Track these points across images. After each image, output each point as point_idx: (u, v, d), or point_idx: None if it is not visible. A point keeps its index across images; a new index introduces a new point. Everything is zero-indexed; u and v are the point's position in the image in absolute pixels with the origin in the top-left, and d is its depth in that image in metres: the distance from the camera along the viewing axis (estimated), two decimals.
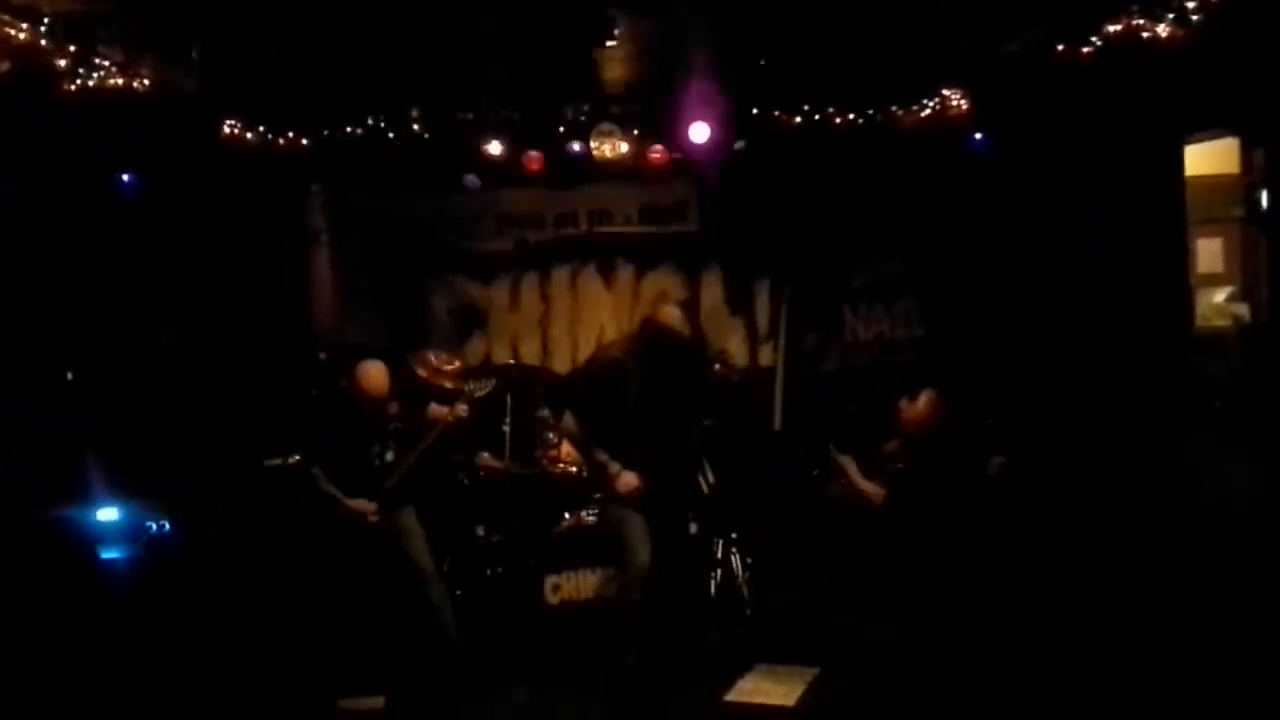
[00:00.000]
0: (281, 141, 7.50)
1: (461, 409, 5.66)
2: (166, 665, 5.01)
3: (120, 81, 6.20)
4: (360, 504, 5.44)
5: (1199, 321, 7.37)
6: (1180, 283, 7.07)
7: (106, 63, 6.13)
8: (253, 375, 7.11)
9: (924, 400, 6.31)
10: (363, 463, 5.53)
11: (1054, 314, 7.22)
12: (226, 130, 7.25)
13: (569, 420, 5.35)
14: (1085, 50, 6.37)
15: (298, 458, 5.71)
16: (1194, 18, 5.81)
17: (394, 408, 5.62)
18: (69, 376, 6.74)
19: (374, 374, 5.61)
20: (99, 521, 5.70)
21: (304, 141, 7.54)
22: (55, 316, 6.78)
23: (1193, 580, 5.23)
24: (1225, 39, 5.72)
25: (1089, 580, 5.69)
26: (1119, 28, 6.16)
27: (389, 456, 5.56)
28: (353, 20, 6.62)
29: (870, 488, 6.31)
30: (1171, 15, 5.90)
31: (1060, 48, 6.50)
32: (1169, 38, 5.95)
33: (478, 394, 5.73)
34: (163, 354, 7.16)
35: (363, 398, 5.56)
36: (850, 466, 6.40)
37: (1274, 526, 5.63)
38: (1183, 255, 7.13)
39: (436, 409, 5.72)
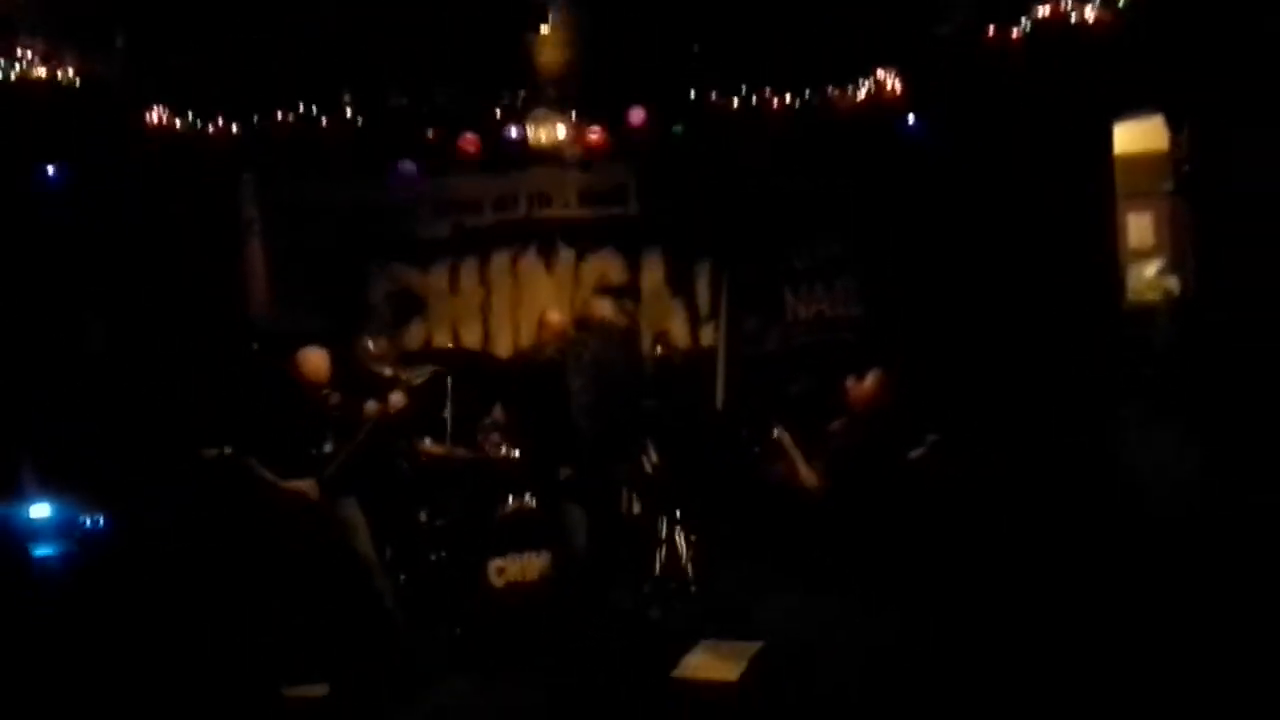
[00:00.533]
0: (211, 129, 7.38)
1: (398, 398, 5.63)
2: (105, 660, 4.95)
3: (43, 72, 6.07)
4: (298, 484, 5.40)
5: (1130, 296, 7.49)
6: (1111, 257, 7.19)
7: (28, 53, 5.99)
8: (186, 366, 6.99)
9: (871, 379, 6.40)
10: (301, 452, 5.49)
11: (989, 291, 7.31)
12: (153, 118, 7.12)
13: (498, 413, 5.39)
14: (1015, 33, 6.47)
15: (229, 450, 5.62)
16: (1119, 2, 5.90)
17: (335, 398, 5.58)
18: None
19: (315, 360, 5.59)
20: (31, 518, 5.60)
21: (234, 128, 7.42)
22: None
23: (1126, 553, 5.34)
24: (1150, 22, 5.82)
25: (1023, 556, 5.79)
26: (1047, 11, 6.26)
27: (327, 447, 5.52)
28: (282, 4, 6.55)
29: (809, 474, 6.38)
30: None
31: (990, 30, 6.59)
32: (1096, 21, 6.06)
33: (415, 381, 5.71)
34: (92, 347, 7.02)
35: (303, 385, 5.53)
36: (790, 445, 6.46)
37: (1204, 497, 5.77)
38: (1113, 230, 7.24)
39: (371, 403, 5.65)
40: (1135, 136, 7.30)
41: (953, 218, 7.52)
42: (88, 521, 5.72)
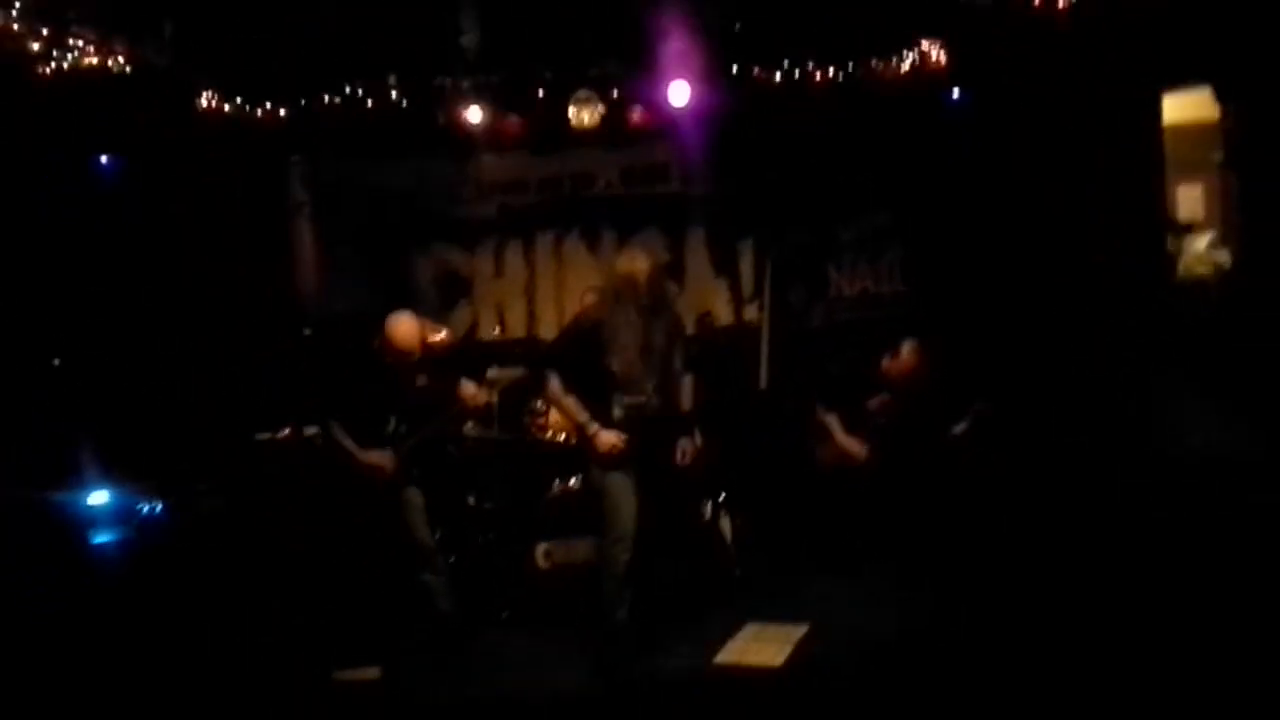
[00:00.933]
0: (259, 113, 7.48)
1: (483, 394, 5.62)
2: (162, 646, 5.07)
3: (95, 61, 6.16)
4: (376, 456, 5.42)
5: (1181, 270, 7.40)
6: (1160, 231, 7.10)
7: (80, 43, 6.08)
8: (239, 351, 7.11)
9: (906, 352, 6.38)
10: (380, 425, 5.50)
11: (1035, 266, 7.24)
12: (203, 103, 7.22)
13: (554, 384, 5.36)
14: (1060, 2, 6.36)
15: (288, 431, 5.71)
16: None
17: (422, 379, 5.57)
18: (56, 361, 6.75)
19: (405, 327, 5.50)
20: (90, 505, 5.71)
21: (281, 112, 7.51)
22: (40, 301, 6.78)
23: (1170, 532, 5.29)
24: None
25: (1065, 533, 5.77)
26: None
27: (403, 428, 5.54)
28: None
29: (854, 446, 6.40)
30: None
31: (1036, 1, 6.49)
32: None
33: (503, 383, 5.72)
34: (149, 333, 7.16)
35: (393, 353, 5.47)
36: (835, 424, 6.47)
37: (1251, 473, 5.70)
38: (1162, 203, 7.14)
39: (469, 389, 5.66)
40: (1185, 107, 7.18)
41: (998, 190, 7.44)
42: (145, 508, 5.83)
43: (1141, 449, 6.16)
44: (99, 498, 5.75)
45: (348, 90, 7.52)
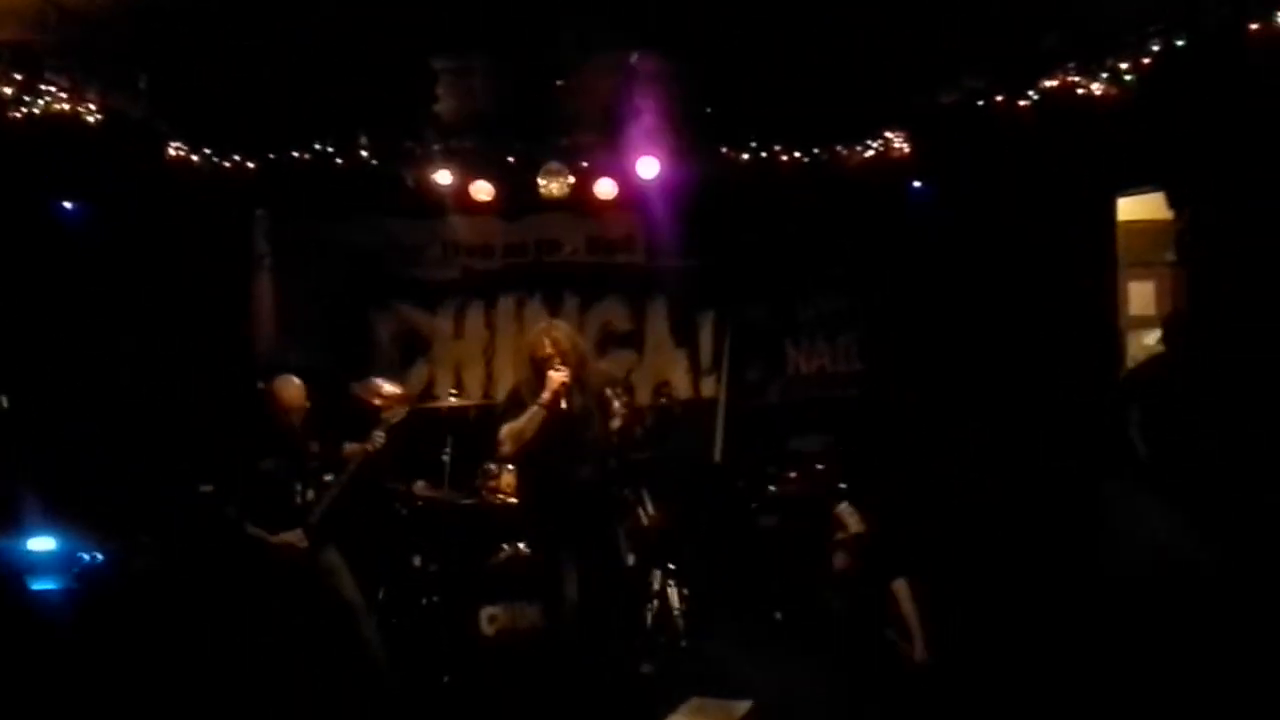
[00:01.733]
0: (227, 165, 7.49)
1: (379, 438, 5.56)
2: (99, 699, 4.98)
3: (67, 108, 6.16)
4: (286, 537, 5.36)
5: (1129, 364, 7.52)
6: (1111, 325, 7.24)
7: (53, 89, 6.09)
8: (191, 402, 7.05)
9: (845, 516, 6.47)
10: (285, 500, 5.47)
11: (989, 355, 7.36)
12: (172, 153, 7.24)
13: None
14: (1022, 103, 6.55)
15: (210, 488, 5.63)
16: (1127, 78, 5.98)
17: (314, 446, 5.56)
18: (4, 404, 6.66)
19: (291, 390, 5.53)
20: (32, 551, 5.62)
21: (250, 165, 7.53)
22: None
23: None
24: (1156, 101, 5.89)
25: (1010, 614, 5.81)
26: (1055, 83, 6.34)
27: (309, 495, 5.49)
28: (302, 47, 6.64)
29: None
30: (1106, 75, 6.06)
31: (999, 99, 6.68)
32: (1104, 95, 6.12)
33: (393, 421, 5.64)
34: (101, 380, 7.09)
35: (279, 414, 5.47)
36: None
37: (1192, 573, 5.75)
38: (1114, 298, 7.29)
39: (351, 445, 5.62)
40: (1141, 206, 7.36)
41: (956, 279, 7.59)
42: (86, 557, 5.73)
43: (1089, 549, 6.21)
44: (42, 544, 5.66)
45: (317, 146, 7.55)
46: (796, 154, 7.83)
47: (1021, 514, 6.44)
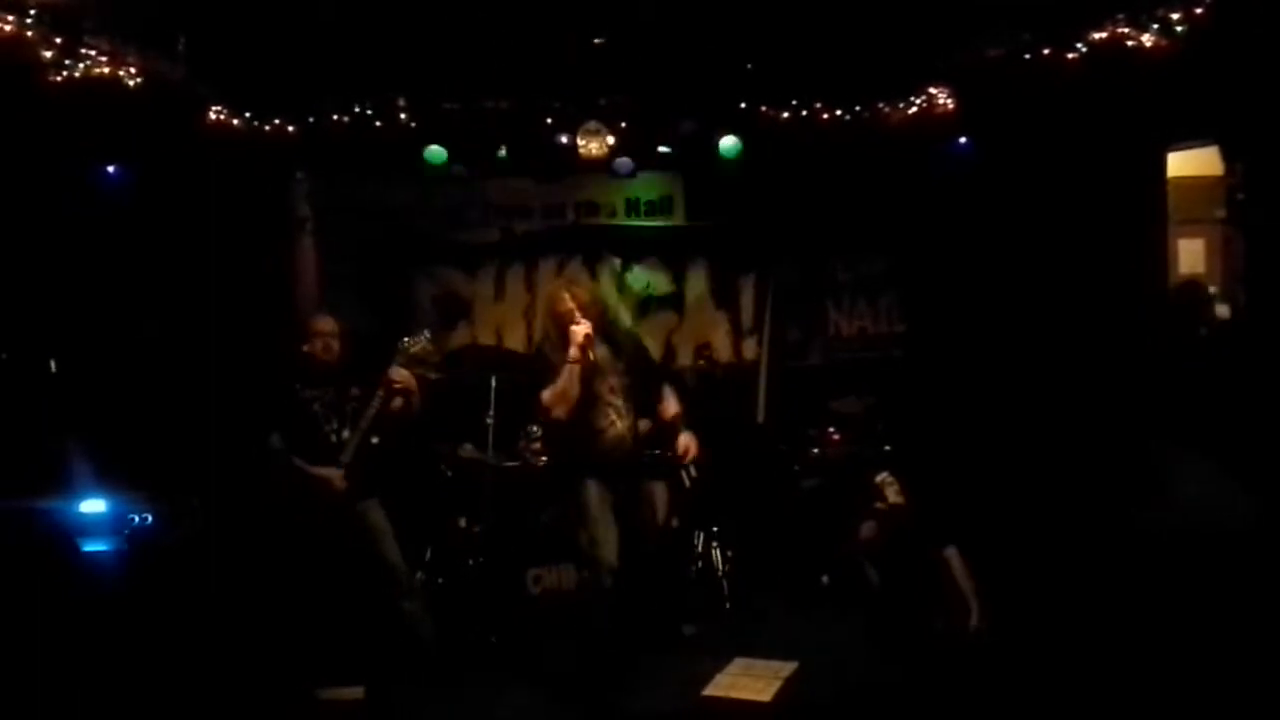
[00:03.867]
0: (267, 128, 7.48)
1: (401, 373, 5.40)
2: (149, 658, 5.04)
3: (107, 71, 6.16)
4: (324, 470, 5.34)
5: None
6: (1161, 283, 7.13)
7: (93, 52, 6.09)
8: (239, 364, 7.09)
9: (884, 487, 6.40)
10: (320, 437, 5.42)
11: (1034, 315, 7.28)
12: (212, 117, 7.24)
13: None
14: (1070, 56, 6.42)
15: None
16: (1178, 29, 5.85)
17: (355, 390, 5.48)
18: (53, 366, 6.72)
19: (326, 321, 5.56)
20: (82, 513, 5.68)
21: (290, 128, 7.51)
22: (39, 307, 6.77)
23: (1165, 588, 5.27)
24: (1209, 52, 5.76)
25: (1055, 577, 5.76)
26: (1104, 35, 6.20)
27: (345, 434, 5.43)
28: (340, 8, 6.61)
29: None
30: (1156, 25, 5.93)
31: (1046, 52, 6.55)
32: (1153, 47, 5.99)
33: (413, 349, 5.56)
34: (147, 343, 7.15)
35: (317, 345, 5.47)
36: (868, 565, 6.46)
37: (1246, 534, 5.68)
38: (1164, 256, 7.18)
39: (397, 373, 5.43)
40: (1190, 161, 7.24)
41: (1000, 238, 7.50)
42: (136, 519, 5.78)
43: (1134, 502, 6.15)
44: (93, 506, 5.71)
45: (356, 109, 7.53)
46: (838, 111, 7.72)
47: (1069, 476, 6.39)
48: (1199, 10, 5.78)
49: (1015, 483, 6.68)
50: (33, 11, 5.66)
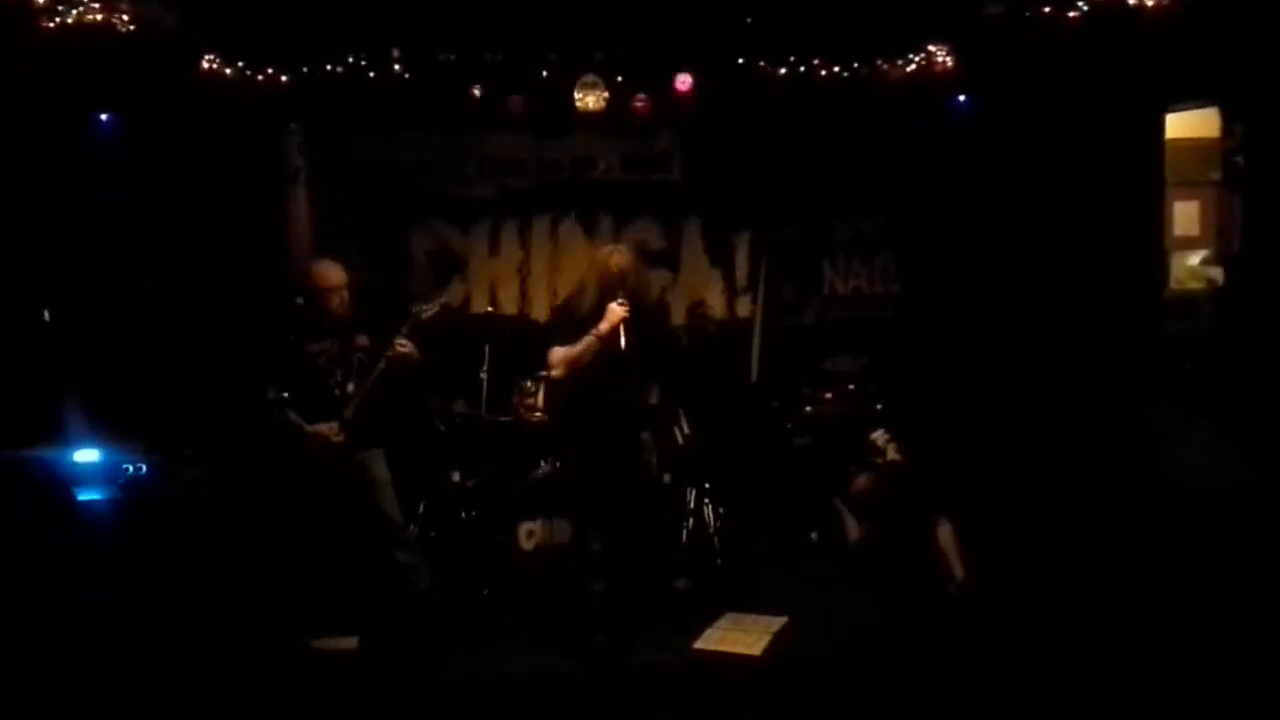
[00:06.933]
0: (260, 78, 7.41)
1: (405, 343, 5.43)
2: (143, 606, 5.06)
3: (100, 17, 6.10)
4: (322, 427, 5.35)
5: (1173, 284, 7.43)
6: (1156, 245, 7.13)
7: None
8: (231, 316, 7.06)
9: (881, 443, 6.44)
10: (324, 391, 5.44)
11: (1029, 275, 7.29)
12: (205, 65, 7.17)
13: (557, 352, 5.29)
14: (1070, 15, 6.38)
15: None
16: None
17: (362, 339, 5.51)
18: (46, 316, 6.70)
19: (330, 269, 5.52)
20: (77, 463, 5.68)
21: (283, 78, 7.44)
22: (32, 256, 6.73)
23: (1157, 554, 5.30)
24: (1210, 12, 5.73)
25: (1052, 544, 5.80)
26: None
27: (350, 387, 5.45)
28: None
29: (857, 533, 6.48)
30: None
31: (1046, 9, 6.51)
32: (1154, 7, 5.96)
33: (425, 315, 5.55)
34: (143, 293, 7.12)
35: (321, 295, 5.44)
36: (848, 517, 6.54)
37: (1241, 497, 5.71)
38: (1159, 218, 7.17)
39: (400, 343, 5.46)
40: (1186, 123, 7.21)
41: (997, 198, 7.48)
42: (130, 468, 5.79)
43: (1127, 467, 6.18)
44: (87, 455, 5.72)
45: (350, 60, 7.46)
46: (836, 68, 7.67)
47: (1063, 439, 6.41)
48: None
49: (1009, 445, 6.72)
50: None
